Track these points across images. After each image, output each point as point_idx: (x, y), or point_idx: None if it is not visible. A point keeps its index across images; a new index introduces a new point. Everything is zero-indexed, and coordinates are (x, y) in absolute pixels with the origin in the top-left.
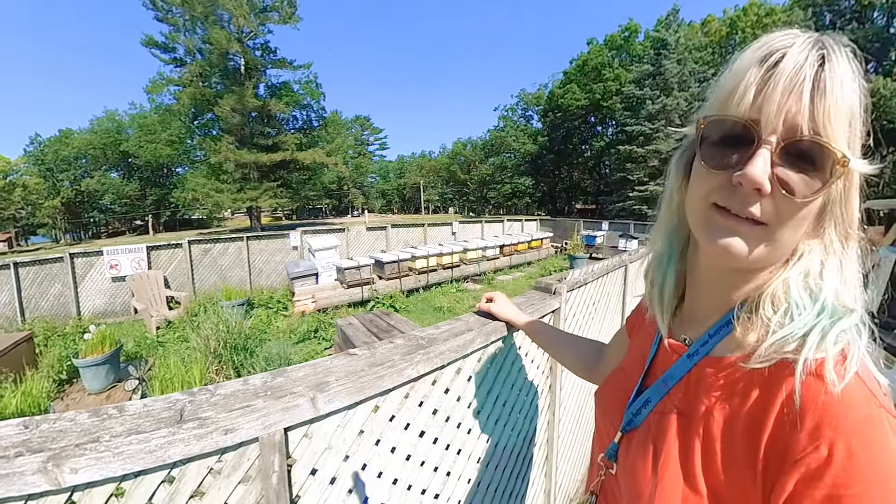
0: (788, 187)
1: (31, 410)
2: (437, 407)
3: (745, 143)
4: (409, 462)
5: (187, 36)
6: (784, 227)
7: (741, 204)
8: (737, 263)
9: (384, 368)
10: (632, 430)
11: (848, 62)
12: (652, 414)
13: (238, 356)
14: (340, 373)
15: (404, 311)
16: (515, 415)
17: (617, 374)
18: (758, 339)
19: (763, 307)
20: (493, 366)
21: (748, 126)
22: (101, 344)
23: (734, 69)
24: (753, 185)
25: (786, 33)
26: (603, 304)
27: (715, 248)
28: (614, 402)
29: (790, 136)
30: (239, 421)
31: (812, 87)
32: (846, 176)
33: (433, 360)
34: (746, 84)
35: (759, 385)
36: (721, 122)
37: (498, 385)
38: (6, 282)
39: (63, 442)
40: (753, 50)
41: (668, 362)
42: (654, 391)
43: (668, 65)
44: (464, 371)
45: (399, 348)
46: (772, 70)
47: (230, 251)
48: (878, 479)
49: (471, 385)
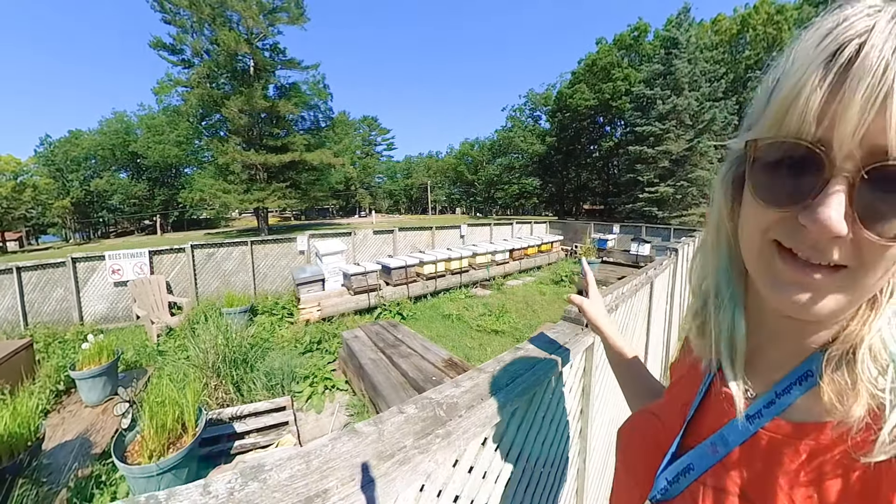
0: (874, 227)
1: (20, 430)
2: (459, 492)
3: (811, 172)
4: None
5: (195, 37)
6: (869, 271)
7: (811, 249)
8: (810, 319)
9: (394, 465)
10: (665, 500)
11: None
12: (698, 486)
13: (238, 371)
14: (342, 471)
15: (412, 318)
16: (545, 475)
17: (648, 420)
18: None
19: (861, 363)
20: (523, 425)
21: (814, 150)
22: (99, 354)
23: (790, 71)
24: (828, 234)
25: (860, 9)
26: (630, 327)
27: (781, 304)
28: (644, 457)
29: (873, 160)
30: None
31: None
32: None
33: (454, 444)
34: (809, 95)
35: (866, 475)
36: (776, 146)
37: (528, 445)
38: (9, 286)
39: None
40: (816, 39)
41: (721, 420)
42: (699, 456)
43: (679, 64)
44: (490, 440)
45: (410, 423)
46: (844, 73)
47: (234, 255)
48: None
49: (498, 455)
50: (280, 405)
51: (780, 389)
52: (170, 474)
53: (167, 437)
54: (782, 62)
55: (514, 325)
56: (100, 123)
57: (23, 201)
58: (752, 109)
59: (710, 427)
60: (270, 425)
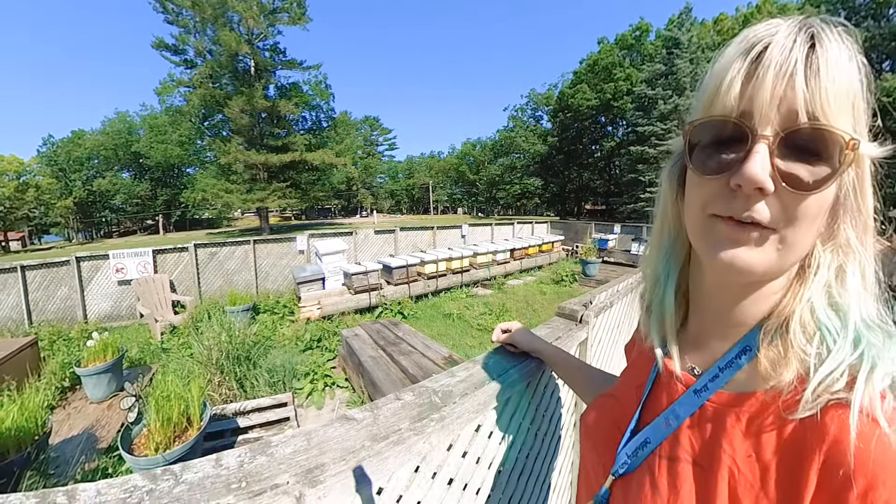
0: (794, 181)
1: (27, 424)
2: (454, 475)
3: (739, 142)
4: None
5: (197, 38)
6: (795, 226)
7: (744, 208)
8: (746, 278)
9: (388, 445)
10: (627, 474)
11: (841, 40)
12: (655, 457)
13: (241, 368)
14: (337, 450)
15: (413, 317)
16: (538, 464)
17: (607, 402)
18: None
19: (793, 334)
20: (516, 415)
21: (739, 122)
22: (104, 352)
23: (716, 68)
24: (754, 185)
25: (768, 23)
26: (626, 325)
27: (719, 262)
28: (604, 436)
29: (788, 125)
30: None
31: (804, 69)
32: (857, 163)
33: (448, 427)
34: (731, 79)
35: (795, 430)
36: (709, 124)
37: (521, 434)
38: (13, 285)
39: None
40: (735, 45)
41: (672, 396)
42: (654, 430)
43: (681, 64)
44: (484, 427)
45: (407, 409)
46: (757, 60)
47: (236, 255)
48: None
49: (492, 442)
50: (282, 401)
51: (723, 364)
52: None
53: (173, 430)
54: (708, 70)
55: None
56: (102, 123)
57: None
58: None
59: (663, 404)
60: (272, 420)
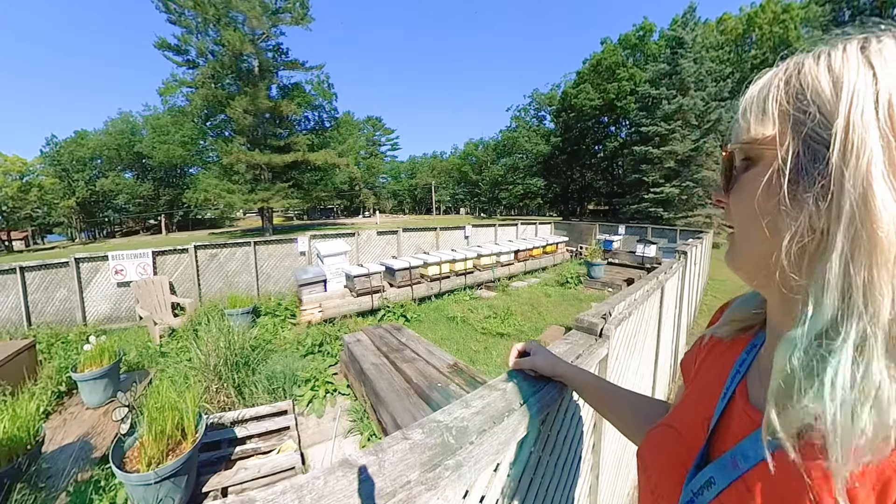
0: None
1: (19, 433)
2: None
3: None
4: None
5: (199, 38)
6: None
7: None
8: (729, 267)
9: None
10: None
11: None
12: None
13: (239, 374)
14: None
15: (416, 320)
16: (559, 494)
17: (668, 434)
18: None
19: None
20: (536, 446)
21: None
22: (101, 356)
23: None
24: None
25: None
26: (642, 333)
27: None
28: (666, 472)
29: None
30: None
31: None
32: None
33: (465, 477)
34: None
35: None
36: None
37: (542, 466)
38: (13, 286)
39: None
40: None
41: (742, 431)
42: (719, 469)
43: (685, 64)
44: (503, 466)
45: (416, 452)
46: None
47: (237, 256)
48: None
49: (511, 477)
50: (281, 409)
51: None
52: (168, 482)
53: (166, 443)
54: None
55: (519, 328)
56: (105, 124)
57: (29, 201)
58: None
59: (733, 439)
60: (272, 430)
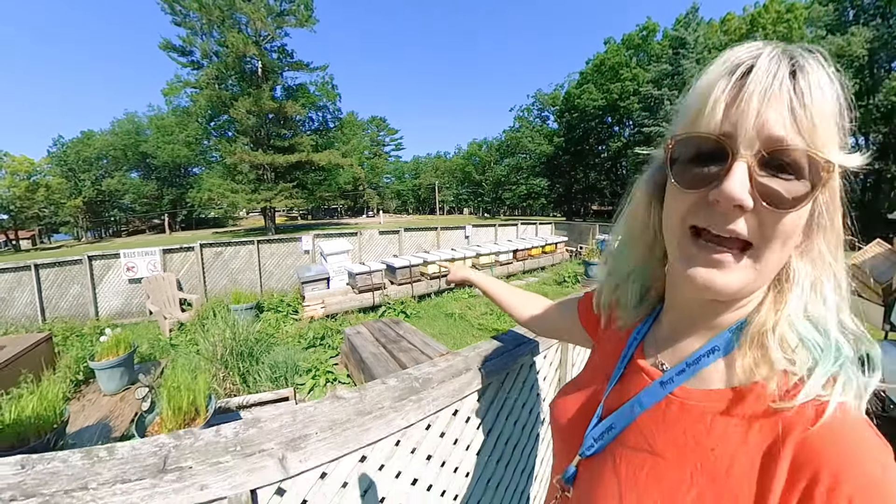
0: (773, 199)
1: (46, 413)
2: (432, 453)
3: (720, 159)
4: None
5: (204, 40)
6: (771, 244)
7: (723, 222)
8: (719, 298)
9: (371, 419)
10: (591, 456)
11: (822, 67)
12: (617, 444)
13: (244, 363)
14: (323, 422)
15: (415, 316)
16: (518, 452)
17: (574, 389)
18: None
19: (770, 344)
20: (493, 404)
21: (721, 141)
22: (116, 347)
23: (699, 85)
24: (733, 202)
25: (750, 45)
26: None
27: (693, 280)
28: (572, 420)
29: (769, 146)
30: (209, 479)
31: (790, 94)
32: (830, 183)
33: (425, 408)
34: (715, 98)
35: (762, 428)
36: (692, 140)
37: (500, 423)
38: (27, 283)
39: (54, 486)
40: (718, 64)
41: (638, 386)
42: (619, 417)
43: (687, 64)
44: (461, 413)
45: (390, 391)
46: (742, 80)
47: (241, 254)
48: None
49: (470, 425)
50: (283, 396)
51: (691, 361)
52: None
53: (183, 418)
54: (691, 86)
55: (513, 325)
56: (111, 124)
57: (36, 200)
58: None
59: (630, 393)
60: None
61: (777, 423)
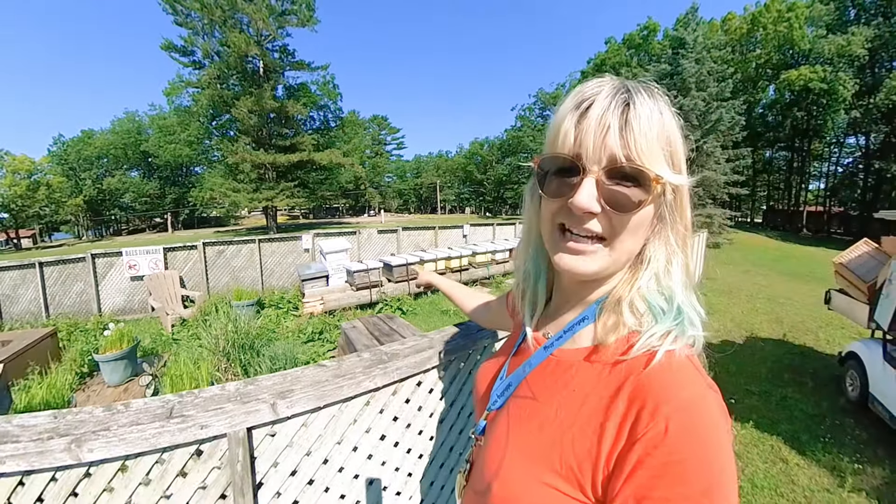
0: (616, 205)
1: (55, 401)
2: (398, 415)
3: (575, 174)
4: (370, 461)
5: (205, 40)
6: (621, 236)
7: (579, 224)
8: (583, 279)
9: (344, 380)
10: (496, 410)
11: (650, 99)
12: (512, 399)
13: (245, 355)
14: (306, 382)
15: (411, 313)
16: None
17: (492, 359)
18: (618, 337)
19: (623, 311)
20: (456, 380)
21: (573, 161)
22: (120, 340)
23: (556, 116)
24: (583, 210)
25: (596, 82)
26: None
27: (562, 267)
28: (485, 383)
29: (609, 163)
30: (211, 420)
31: (619, 125)
32: (674, 188)
33: (390, 375)
34: (566, 128)
35: (611, 373)
36: (552, 159)
37: (462, 396)
38: (32, 280)
39: (83, 429)
40: (570, 99)
41: (530, 352)
42: (515, 376)
43: (686, 64)
44: (425, 384)
45: (363, 362)
46: (584, 115)
47: (243, 252)
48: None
49: (433, 396)
50: None
51: (567, 329)
52: None
53: None
54: (554, 113)
55: None
56: (111, 123)
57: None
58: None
59: (524, 358)
60: None
61: (622, 370)
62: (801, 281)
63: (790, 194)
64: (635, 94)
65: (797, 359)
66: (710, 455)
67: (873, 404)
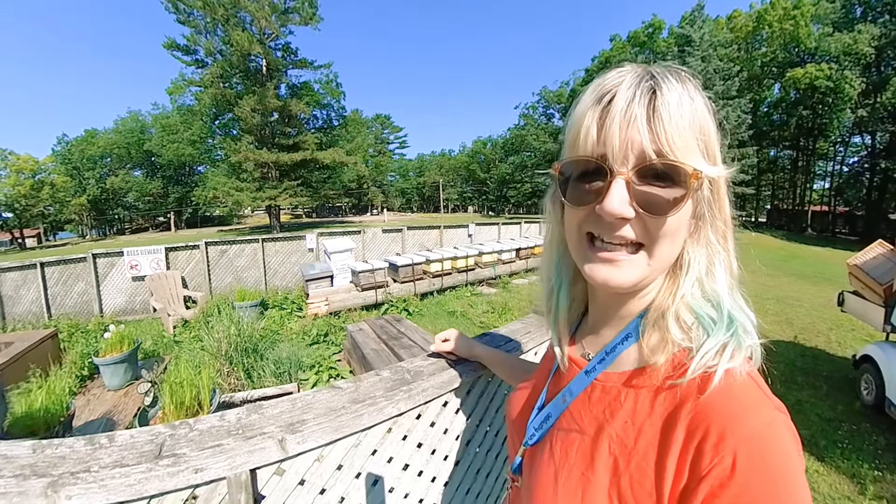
0: (650, 207)
1: (54, 407)
2: (422, 441)
3: (601, 177)
4: (392, 494)
5: (208, 38)
6: (659, 241)
7: (610, 231)
8: (621, 290)
9: (364, 406)
10: (534, 445)
11: (679, 84)
12: (554, 430)
13: (248, 359)
14: (319, 410)
15: (418, 314)
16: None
17: (524, 387)
18: (670, 355)
19: (670, 325)
20: (483, 397)
21: (598, 162)
22: (120, 343)
23: (574, 114)
24: (614, 217)
25: (617, 72)
26: None
27: (595, 279)
28: (520, 415)
29: (639, 162)
30: (208, 461)
31: (647, 115)
32: (711, 182)
33: (415, 398)
34: (587, 126)
35: (666, 399)
36: (575, 163)
37: (489, 415)
38: (33, 280)
39: (61, 469)
40: (588, 93)
41: (569, 377)
42: (554, 406)
43: (692, 62)
44: (451, 404)
45: (383, 382)
46: (606, 108)
47: (246, 252)
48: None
49: (459, 416)
50: (287, 391)
51: (609, 349)
52: None
53: (185, 413)
54: (570, 113)
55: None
56: (115, 123)
57: (41, 199)
58: (562, 147)
59: (563, 383)
60: None
61: (676, 394)
62: (809, 282)
63: (795, 193)
64: (662, 80)
65: (809, 361)
66: (783, 492)
67: (890, 409)
